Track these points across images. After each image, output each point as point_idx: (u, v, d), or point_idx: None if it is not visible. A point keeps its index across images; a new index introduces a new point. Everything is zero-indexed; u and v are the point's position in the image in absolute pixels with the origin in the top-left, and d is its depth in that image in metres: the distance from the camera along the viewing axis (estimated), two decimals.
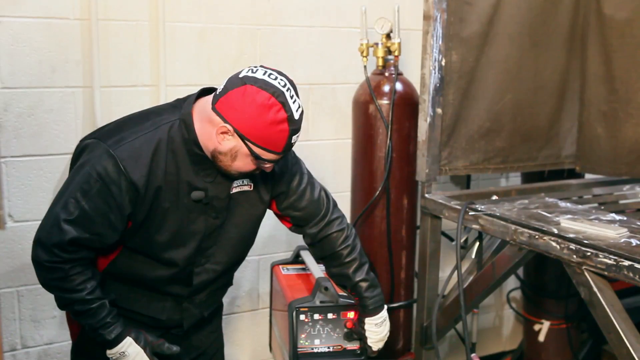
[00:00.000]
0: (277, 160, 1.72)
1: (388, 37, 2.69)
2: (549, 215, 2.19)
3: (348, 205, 2.86)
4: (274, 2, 2.79)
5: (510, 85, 2.62)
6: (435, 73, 2.44)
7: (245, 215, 1.89)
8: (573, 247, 1.93)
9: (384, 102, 2.66)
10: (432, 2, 2.39)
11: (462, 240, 2.66)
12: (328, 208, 1.99)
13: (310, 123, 2.94)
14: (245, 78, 1.63)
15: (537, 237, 2.04)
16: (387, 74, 2.71)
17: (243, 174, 1.76)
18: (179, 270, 1.83)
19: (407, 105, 2.68)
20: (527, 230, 2.08)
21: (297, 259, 2.42)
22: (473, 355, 2.43)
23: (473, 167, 2.63)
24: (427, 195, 2.51)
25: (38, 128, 2.45)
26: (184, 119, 1.70)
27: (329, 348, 2.05)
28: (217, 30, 2.70)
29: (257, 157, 1.67)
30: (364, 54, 2.71)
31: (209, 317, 2.06)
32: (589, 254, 1.88)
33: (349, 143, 2.87)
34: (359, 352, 2.06)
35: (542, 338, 3.26)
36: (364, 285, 1.98)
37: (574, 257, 1.92)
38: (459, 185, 3.28)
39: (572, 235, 1.97)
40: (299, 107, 1.66)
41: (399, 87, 2.68)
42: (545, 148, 2.77)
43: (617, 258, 1.81)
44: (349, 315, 2.05)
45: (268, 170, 1.76)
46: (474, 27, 2.49)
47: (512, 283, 3.49)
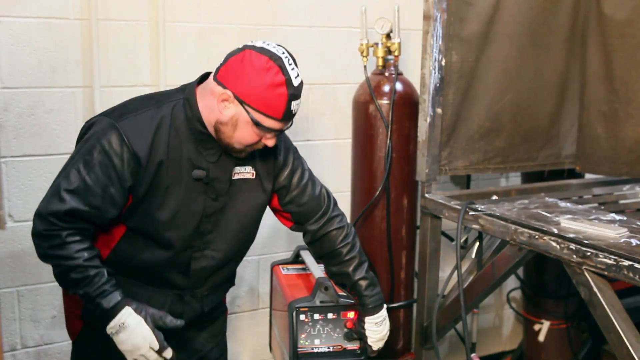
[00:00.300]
0: (279, 131, 1.73)
1: (388, 37, 2.69)
2: (549, 215, 2.19)
3: (348, 205, 2.86)
4: (274, 2, 2.80)
5: (510, 85, 2.61)
6: (435, 73, 2.44)
7: (246, 204, 1.89)
8: (573, 247, 1.93)
9: (384, 102, 2.66)
10: (432, 2, 2.39)
11: (462, 240, 2.66)
12: (329, 205, 2.00)
13: (311, 123, 2.94)
14: (245, 46, 1.70)
15: (537, 237, 2.04)
16: (387, 74, 2.71)
17: (246, 149, 1.76)
18: (178, 253, 1.82)
19: (407, 105, 2.68)
20: (527, 230, 2.08)
21: (297, 259, 2.42)
22: (473, 355, 2.43)
23: (473, 167, 2.62)
24: (427, 195, 2.51)
25: (38, 128, 2.45)
26: (188, 98, 1.76)
27: (329, 348, 2.05)
28: (217, 30, 2.70)
29: (257, 123, 1.69)
30: (364, 54, 2.71)
31: (211, 316, 2.05)
32: (589, 254, 1.88)
33: (349, 143, 2.87)
34: (359, 352, 2.06)
35: (542, 338, 3.26)
36: (364, 284, 1.98)
37: (574, 257, 1.92)
38: (459, 185, 3.28)
39: (572, 235, 1.97)
40: (298, 75, 1.69)
41: (399, 87, 2.68)
42: (545, 148, 2.77)
43: (617, 258, 1.81)
44: (349, 315, 2.06)
45: (270, 145, 1.77)
46: (474, 27, 2.49)
47: (512, 283, 3.50)
